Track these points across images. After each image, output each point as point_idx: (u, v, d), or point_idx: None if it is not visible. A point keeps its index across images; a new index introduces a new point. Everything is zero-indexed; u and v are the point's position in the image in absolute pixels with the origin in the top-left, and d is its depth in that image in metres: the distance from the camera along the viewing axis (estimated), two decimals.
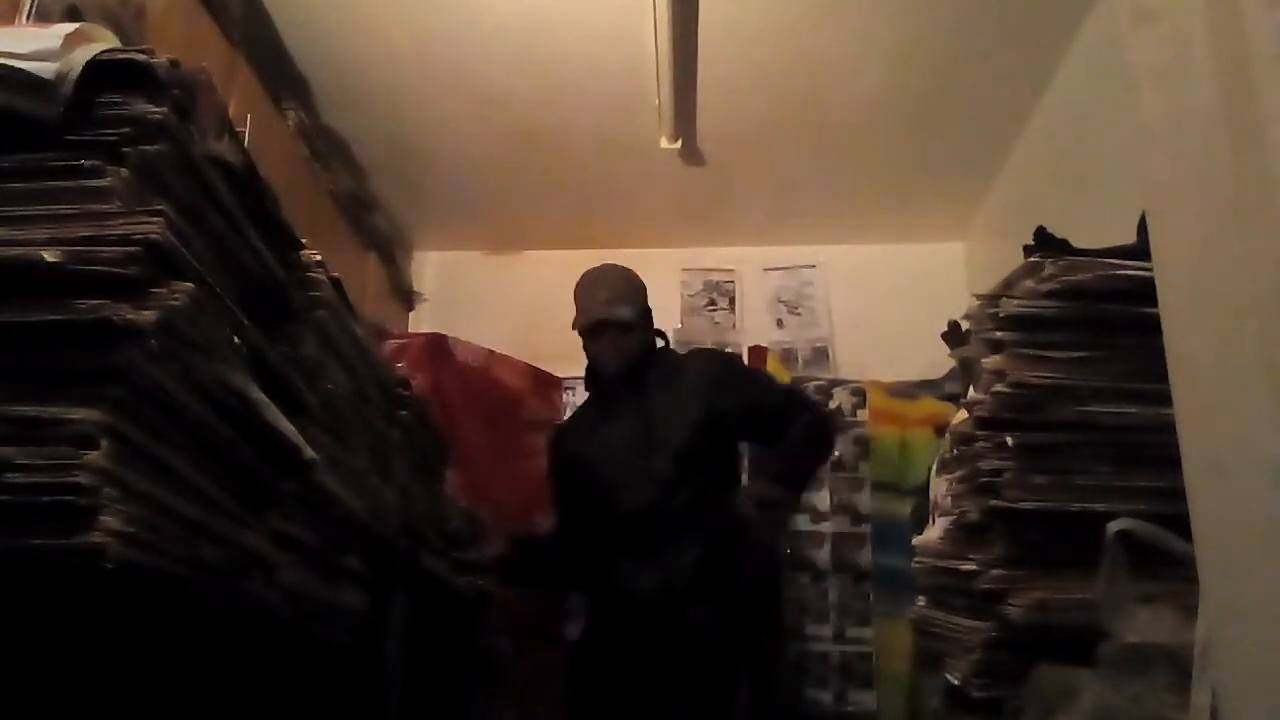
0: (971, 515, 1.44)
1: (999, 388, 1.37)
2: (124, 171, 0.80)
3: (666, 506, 2.21)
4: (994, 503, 1.35)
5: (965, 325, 1.60)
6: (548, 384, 3.47)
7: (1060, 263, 1.37)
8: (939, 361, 1.99)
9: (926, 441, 2.96)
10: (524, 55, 2.68)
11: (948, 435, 1.65)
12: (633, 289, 2.43)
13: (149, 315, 0.77)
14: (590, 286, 2.42)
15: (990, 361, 1.40)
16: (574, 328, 2.41)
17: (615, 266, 2.48)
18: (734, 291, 3.79)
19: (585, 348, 2.42)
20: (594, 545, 2.32)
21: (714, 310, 3.77)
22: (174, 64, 0.87)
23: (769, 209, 3.54)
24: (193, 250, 0.86)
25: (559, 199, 3.49)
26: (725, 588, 2.17)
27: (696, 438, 2.25)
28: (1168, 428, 0.87)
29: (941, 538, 1.64)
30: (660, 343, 2.49)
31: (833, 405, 3.41)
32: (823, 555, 3.27)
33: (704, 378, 2.36)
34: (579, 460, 2.40)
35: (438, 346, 3.10)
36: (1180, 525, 0.92)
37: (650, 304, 2.46)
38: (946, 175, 3.30)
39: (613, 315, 2.35)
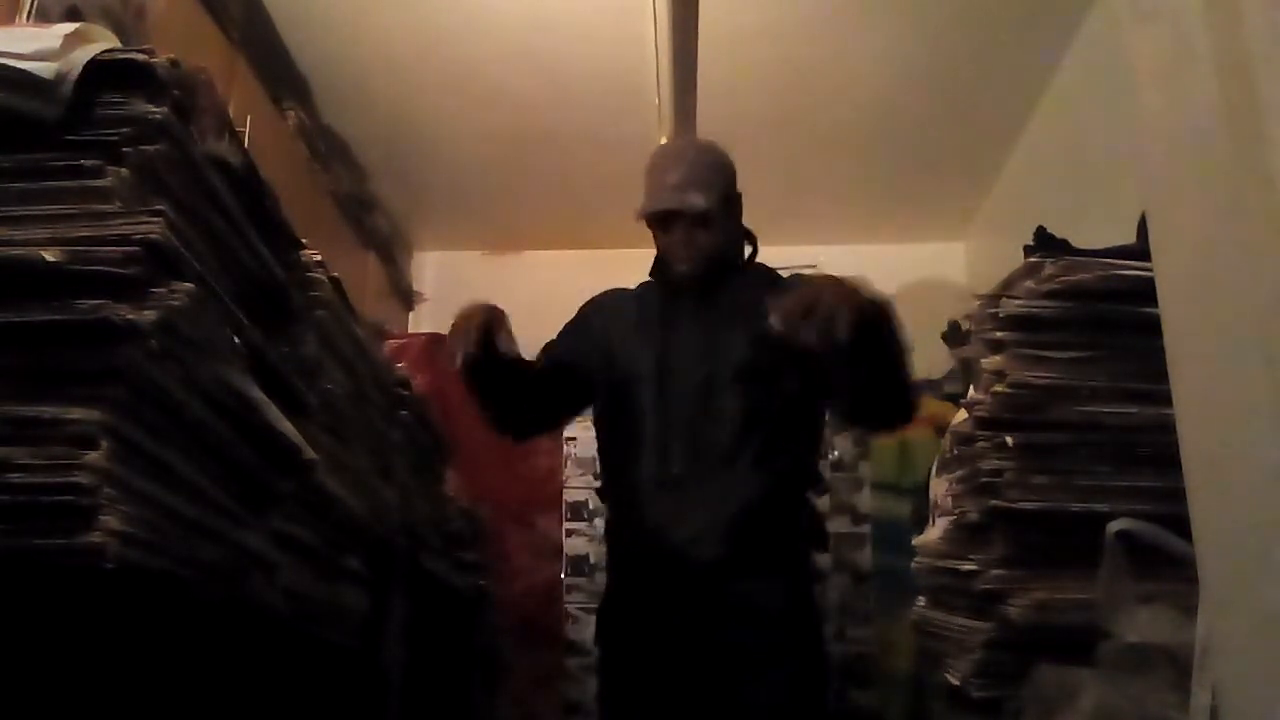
0: (971, 515, 1.44)
1: (999, 388, 1.37)
2: (124, 171, 0.80)
3: (723, 445, 1.78)
4: (994, 503, 1.35)
5: (965, 325, 1.59)
6: None
7: (1060, 263, 1.37)
8: (939, 361, 1.98)
9: (926, 441, 2.96)
10: (524, 55, 2.68)
11: (948, 435, 1.65)
12: (715, 170, 1.92)
13: (149, 315, 0.77)
14: (661, 165, 1.92)
15: (990, 361, 1.40)
16: (637, 216, 1.92)
17: (697, 140, 1.97)
18: None
19: (654, 238, 1.95)
20: (618, 475, 1.88)
21: None
22: (174, 64, 0.87)
23: (769, 209, 3.51)
24: (193, 250, 0.86)
25: (559, 199, 3.48)
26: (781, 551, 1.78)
27: (761, 363, 1.77)
28: (1168, 428, 0.88)
29: (941, 538, 1.64)
30: (749, 249, 2.00)
31: None
32: (824, 555, 3.27)
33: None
34: (613, 355, 1.93)
35: (438, 346, 3.10)
36: (1180, 525, 0.92)
37: (740, 191, 1.97)
38: (946, 175, 3.30)
39: (682, 205, 1.84)
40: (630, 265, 2.45)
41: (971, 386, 1.52)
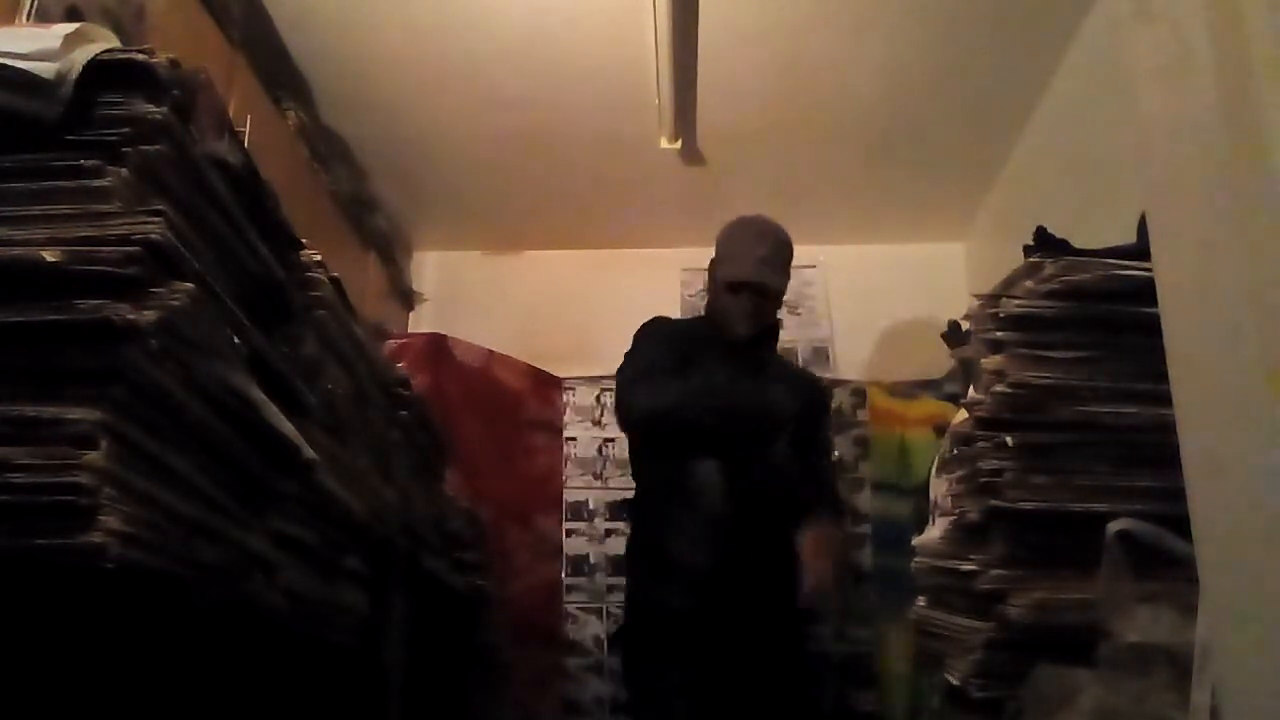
0: (971, 515, 1.44)
1: (999, 388, 1.36)
2: (124, 171, 0.80)
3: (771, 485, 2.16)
4: (994, 503, 1.35)
5: (965, 325, 1.60)
6: (548, 384, 3.47)
7: (1060, 263, 1.37)
8: (939, 361, 1.98)
9: (926, 441, 2.96)
10: (524, 55, 2.68)
11: (948, 435, 1.65)
12: (789, 257, 2.30)
13: (149, 315, 0.77)
14: (750, 237, 2.27)
15: (990, 361, 1.40)
16: (714, 271, 2.26)
17: (777, 225, 2.31)
18: None
19: (718, 294, 2.27)
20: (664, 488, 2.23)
21: None
22: (174, 64, 0.87)
23: (769, 209, 3.52)
24: (193, 250, 0.86)
25: (559, 199, 3.48)
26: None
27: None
28: (1168, 428, 0.87)
29: (941, 538, 1.64)
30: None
31: (833, 405, 3.42)
32: None
33: (806, 388, 2.36)
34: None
35: (438, 346, 3.10)
36: (1180, 525, 0.92)
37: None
38: (946, 175, 3.30)
39: (767, 281, 2.22)
40: (630, 265, 2.46)
41: (971, 386, 1.52)
